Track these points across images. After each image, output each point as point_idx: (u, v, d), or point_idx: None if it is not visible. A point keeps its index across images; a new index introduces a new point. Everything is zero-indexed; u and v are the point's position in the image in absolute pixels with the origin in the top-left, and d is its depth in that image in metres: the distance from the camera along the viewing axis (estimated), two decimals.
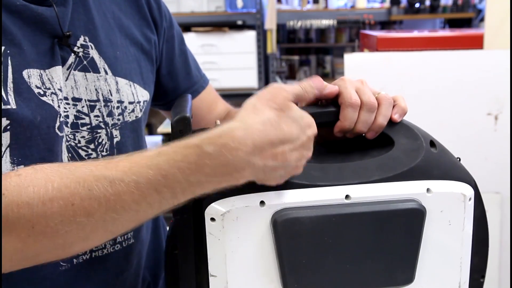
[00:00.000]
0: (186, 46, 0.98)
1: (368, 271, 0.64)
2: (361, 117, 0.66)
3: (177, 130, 0.61)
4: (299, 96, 0.64)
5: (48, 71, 0.71)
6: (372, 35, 2.01)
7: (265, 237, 0.62)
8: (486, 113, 1.66)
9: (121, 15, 0.84)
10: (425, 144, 0.67)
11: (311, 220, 0.61)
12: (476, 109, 1.66)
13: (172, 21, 0.94)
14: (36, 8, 0.69)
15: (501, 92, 1.63)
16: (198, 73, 1.00)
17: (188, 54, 0.98)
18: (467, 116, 1.66)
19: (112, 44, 0.80)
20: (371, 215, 0.62)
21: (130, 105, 0.81)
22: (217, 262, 0.63)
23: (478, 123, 1.66)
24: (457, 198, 0.65)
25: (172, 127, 0.62)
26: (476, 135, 1.65)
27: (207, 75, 1.04)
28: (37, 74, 0.69)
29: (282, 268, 0.62)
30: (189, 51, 1.00)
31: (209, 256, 0.63)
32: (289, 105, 0.60)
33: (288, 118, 0.59)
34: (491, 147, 1.65)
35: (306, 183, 0.63)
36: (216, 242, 0.62)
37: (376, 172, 0.64)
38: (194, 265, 0.64)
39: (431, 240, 0.65)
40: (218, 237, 0.62)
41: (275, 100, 0.59)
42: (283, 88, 0.62)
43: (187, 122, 0.62)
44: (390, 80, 1.68)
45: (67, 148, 0.73)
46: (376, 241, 0.63)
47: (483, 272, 0.71)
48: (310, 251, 0.62)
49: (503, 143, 1.64)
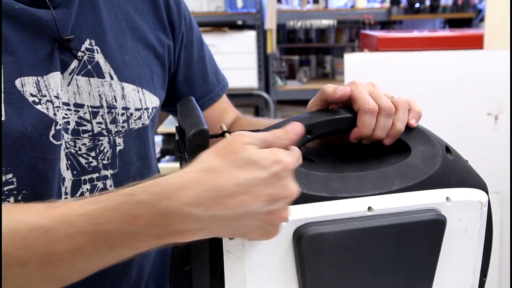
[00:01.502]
0: (205, 51, 0.95)
1: (388, 283, 0.63)
2: (379, 123, 0.65)
3: (194, 144, 0.57)
4: (267, 141, 0.56)
5: (46, 77, 0.69)
6: (372, 35, 2.01)
7: (287, 254, 0.60)
8: (486, 113, 1.66)
9: (136, 15, 0.81)
10: (442, 151, 0.66)
11: (335, 235, 0.59)
12: (476, 109, 1.66)
13: (192, 24, 0.91)
14: (35, 12, 0.67)
15: (501, 92, 1.63)
16: (216, 79, 0.97)
17: (206, 60, 0.94)
18: (467, 116, 1.66)
19: (120, 48, 0.77)
20: (393, 227, 0.61)
21: (136, 112, 0.79)
22: (235, 281, 0.60)
23: (478, 123, 1.66)
24: (475, 206, 0.65)
25: (189, 141, 0.57)
26: (476, 135, 1.65)
27: None
28: (32, 81, 0.68)
29: (304, 285, 0.60)
30: (208, 55, 0.96)
31: (226, 275, 0.60)
32: (243, 148, 0.53)
33: (239, 161, 0.52)
34: (491, 147, 1.65)
35: (327, 195, 0.61)
36: (235, 261, 0.59)
37: (396, 181, 0.63)
38: (209, 284, 0.61)
39: (448, 248, 0.65)
40: (237, 256, 0.59)
41: (228, 147, 0.53)
42: (244, 134, 0.55)
43: (205, 136, 0.57)
44: (390, 80, 1.68)
45: (66, 156, 0.72)
46: (397, 253, 0.62)
47: (485, 272, 0.71)
48: (333, 266, 0.60)
49: (503, 143, 1.64)
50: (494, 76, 1.64)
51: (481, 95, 1.65)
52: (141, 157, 0.81)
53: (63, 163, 0.72)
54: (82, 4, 0.73)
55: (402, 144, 0.67)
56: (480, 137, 1.65)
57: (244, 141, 0.54)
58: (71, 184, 0.73)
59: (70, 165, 0.73)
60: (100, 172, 0.76)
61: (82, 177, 0.74)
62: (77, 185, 0.74)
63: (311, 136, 0.66)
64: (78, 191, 0.74)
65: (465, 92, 1.66)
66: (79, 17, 0.73)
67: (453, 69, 1.67)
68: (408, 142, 0.67)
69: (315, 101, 0.69)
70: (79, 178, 0.74)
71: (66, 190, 0.73)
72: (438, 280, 0.65)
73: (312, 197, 0.60)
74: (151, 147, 0.85)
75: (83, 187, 0.74)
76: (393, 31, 3.10)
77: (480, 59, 1.66)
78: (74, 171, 0.73)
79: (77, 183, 0.74)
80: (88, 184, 0.75)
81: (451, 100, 1.66)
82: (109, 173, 0.77)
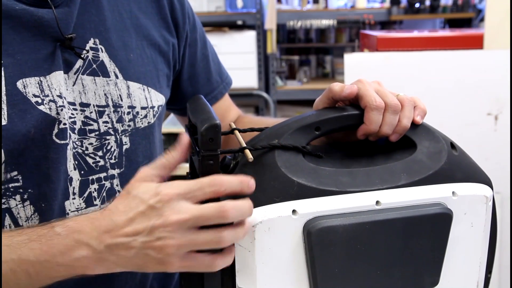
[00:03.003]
0: (208, 49, 0.95)
1: (396, 276, 0.64)
2: (386, 120, 0.66)
3: (207, 138, 0.58)
4: (162, 165, 0.60)
5: (49, 77, 0.69)
6: (372, 35, 2.01)
7: (297, 247, 0.61)
8: (486, 113, 1.66)
9: (140, 14, 0.81)
10: (447, 147, 0.67)
11: (344, 228, 0.60)
12: (476, 109, 1.66)
13: (196, 23, 0.91)
14: (36, 11, 0.67)
15: (501, 92, 1.63)
16: (219, 77, 0.97)
17: (210, 59, 0.95)
18: (467, 116, 1.66)
19: (125, 46, 0.77)
20: (401, 221, 0.62)
21: (142, 110, 0.79)
22: (246, 275, 0.61)
23: (478, 123, 1.66)
24: (480, 200, 0.66)
25: (202, 135, 0.58)
26: (476, 135, 1.66)
27: None
28: (35, 82, 0.68)
29: (314, 278, 0.61)
30: (212, 53, 0.96)
31: (237, 268, 0.61)
32: (133, 186, 0.58)
33: (128, 199, 0.57)
34: (491, 147, 1.65)
35: (336, 190, 0.62)
36: (246, 254, 0.60)
37: (403, 176, 0.64)
38: (220, 277, 0.62)
39: (454, 242, 0.66)
40: (249, 249, 0.60)
41: (127, 187, 0.59)
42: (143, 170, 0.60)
43: (217, 130, 0.58)
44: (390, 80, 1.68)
45: (73, 155, 0.72)
46: (405, 246, 0.63)
47: (490, 268, 0.72)
48: (342, 259, 0.61)
49: (503, 143, 1.64)
50: (494, 76, 1.64)
51: (481, 95, 1.65)
52: (147, 156, 0.81)
53: (70, 163, 0.72)
54: (85, 3, 0.73)
55: (408, 140, 0.68)
56: (480, 137, 1.65)
57: (137, 178, 0.59)
58: (79, 184, 0.74)
59: (78, 165, 0.73)
60: (108, 172, 0.76)
61: (90, 177, 0.74)
62: (85, 185, 0.74)
63: (318, 132, 0.66)
64: (86, 191, 0.74)
65: (465, 92, 1.66)
66: (83, 16, 0.73)
67: (453, 69, 1.67)
68: (413, 138, 0.68)
69: (322, 99, 0.69)
70: (87, 178, 0.74)
71: (74, 190, 0.73)
72: (445, 274, 0.66)
73: (321, 191, 0.61)
74: (157, 145, 0.85)
75: (90, 187, 0.75)
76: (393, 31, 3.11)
77: (480, 59, 1.66)
78: (81, 171, 0.74)
79: (84, 183, 0.74)
80: (96, 183, 0.75)
81: (451, 100, 1.67)
82: (116, 172, 0.77)
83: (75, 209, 0.73)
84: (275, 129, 0.66)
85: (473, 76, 1.66)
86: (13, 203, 0.69)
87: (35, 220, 0.70)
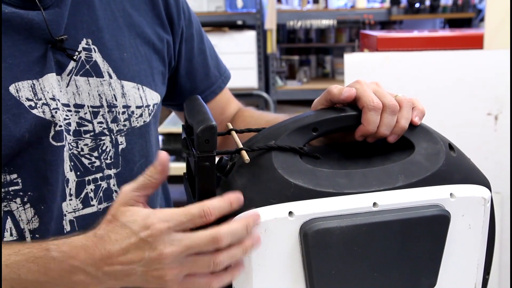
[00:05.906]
0: (206, 44, 0.95)
1: (393, 278, 0.64)
2: (384, 120, 0.65)
3: (203, 140, 0.58)
4: (144, 185, 0.60)
5: (41, 80, 0.69)
6: (372, 35, 2.01)
7: (293, 248, 0.61)
8: (486, 113, 1.66)
9: (133, 11, 0.80)
10: (445, 148, 0.67)
11: (341, 230, 0.60)
12: (476, 109, 1.66)
13: (192, 18, 0.91)
14: (26, 14, 0.67)
15: (501, 92, 1.63)
16: (218, 72, 0.97)
17: (207, 53, 0.95)
18: (467, 116, 1.66)
19: (118, 46, 0.77)
20: (399, 223, 0.62)
21: (137, 109, 0.78)
22: (243, 277, 0.61)
23: (478, 123, 1.66)
24: (478, 202, 0.65)
25: (197, 137, 0.58)
26: (476, 135, 1.65)
27: None
28: (28, 85, 0.67)
29: (311, 279, 0.61)
30: (209, 48, 0.96)
31: None
32: (119, 211, 0.58)
33: (117, 227, 0.58)
34: (491, 147, 1.65)
35: (332, 191, 0.62)
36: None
37: (400, 177, 0.64)
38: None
39: (452, 244, 0.65)
40: None
41: (110, 210, 0.59)
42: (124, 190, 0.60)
43: (213, 131, 0.59)
44: (390, 80, 1.68)
45: (69, 157, 0.72)
46: (402, 248, 0.63)
47: (488, 269, 0.72)
48: (339, 261, 0.61)
49: (503, 143, 1.64)
50: (494, 76, 1.64)
51: (481, 95, 1.65)
52: (144, 155, 0.81)
53: (66, 165, 0.72)
54: (76, 3, 0.73)
55: (406, 141, 0.68)
56: (480, 137, 1.65)
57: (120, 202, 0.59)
58: (75, 185, 0.73)
59: (74, 166, 0.73)
60: (104, 172, 0.76)
61: (86, 177, 0.74)
62: (81, 186, 0.74)
63: (316, 133, 0.66)
64: (83, 192, 0.74)
65: (465, 92, 1.66)
66: (75, 16, 0.72)
67: (453, 69, 1.67)
68: (411, 139, 0.68)
69: (320, 101, 0.69)
70: (83, 179, 0.74)
71: (70, 191, 0.73)
72: (442, 276, 0.66)
73: (318, 193, 0.61)
74: (153, 144, 0.84)
75: (87, 187, 0.75)
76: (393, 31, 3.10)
77: (480, 59, 1.66)
78: (77, 172, 0.73)
79: (81, 184, 0.74)
80: (92, 184, 0.75)
81: (451, 100, 1.66)
82: (112, 172, 0.77)
83: (72, 210, 0.73)
84: (272, 129, 0.66)
85: (473, 76, 1.65)
86: (14, 206, 0.69)
87: (35, 223, 0.71)
